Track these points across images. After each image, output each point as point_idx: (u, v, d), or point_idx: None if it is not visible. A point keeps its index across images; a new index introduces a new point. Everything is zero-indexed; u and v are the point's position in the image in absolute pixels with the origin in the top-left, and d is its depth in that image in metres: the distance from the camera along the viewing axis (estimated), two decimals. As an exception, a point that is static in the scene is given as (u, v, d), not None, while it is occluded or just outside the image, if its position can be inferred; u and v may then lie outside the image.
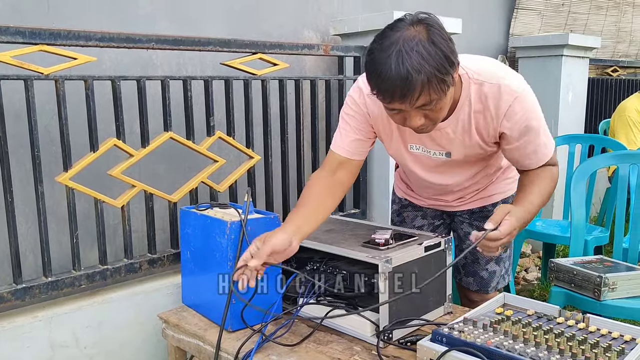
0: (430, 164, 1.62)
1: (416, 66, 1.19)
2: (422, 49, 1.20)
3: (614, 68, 4.97)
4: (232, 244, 1.55)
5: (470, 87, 1.42)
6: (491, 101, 1.41)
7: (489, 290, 1.84)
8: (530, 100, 1.43)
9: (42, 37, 1.63)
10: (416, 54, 1.19)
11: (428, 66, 1.19)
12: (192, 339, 1.64)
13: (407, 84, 1.20)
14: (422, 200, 1.86)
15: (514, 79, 1.42)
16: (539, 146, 1.48)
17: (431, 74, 1.20)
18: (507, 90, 1.40)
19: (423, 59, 1.19)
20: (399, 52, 1.20)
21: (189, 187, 2.03)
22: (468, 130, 1.47)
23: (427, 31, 1.22)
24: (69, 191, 1.75)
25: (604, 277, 1.83)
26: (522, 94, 1.41)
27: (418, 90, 1.21)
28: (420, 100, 1.24)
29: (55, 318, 1.73)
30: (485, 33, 4.00)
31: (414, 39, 1.20)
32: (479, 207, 1.80)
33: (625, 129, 3.62)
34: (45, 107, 1.88)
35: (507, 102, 1.40)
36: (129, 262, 1.91)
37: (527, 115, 1.42)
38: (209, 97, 2.05)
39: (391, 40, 1.22)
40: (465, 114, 1.45)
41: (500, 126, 1.44)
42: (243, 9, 2.54)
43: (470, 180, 1.69)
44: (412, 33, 1.22)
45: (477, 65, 1.44)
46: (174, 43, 1.92)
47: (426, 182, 1.70)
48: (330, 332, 1.57)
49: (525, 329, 1.32)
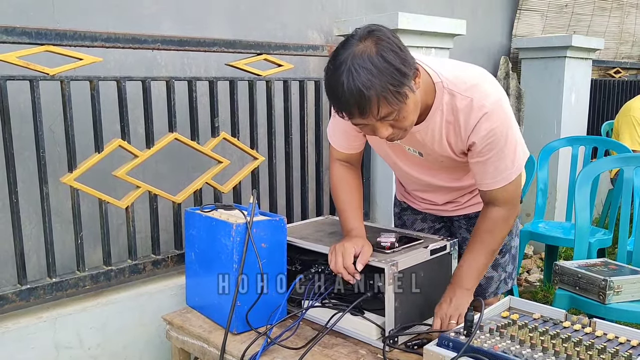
0: (410, 158, 1.62)
1: (366, 83, 1.20)
2: (371, 64, 1.20)
3: (616, 69, 4.97)
4: (238, 246, 1.55)
5: (444, 96, 1.40)
6: (461, 115, 1.39)
7: (487, 296, 1.82)
8: (500, 118, 1.38)
9: (48, 38, 1.63)
10: (364, 70, 1.20)
11: (378, 81, 1.20)
12: (196, 340, 1.64)
13: (361, 100, 1.21)
14: (417, 205, 1.85)
15: (488, 95, 1.38)
16: (500, 169, 1.44)
17: (382, 88, 1.20)
18: (478, 105, 1.37)
19: (372, 74, 1.20)
20: (349, 71, 1.21)
21: (193, 188, 2.03)
22: (439, 138, 1.46)
23: (375, 45, 1.22)
24: (73, 192, 1.75)
25: (609, 281, 1.83)
26: (492, 111, 1.37)
27: (373, 105, 1.22)
28: (381, 113, 1.24)
29: (60, 319, 1.73)
30: (488, 34, 3.99)
31: (362, 55, 1.21)
32: (474, 213, 1.77)
33: (630, 129, 3.61)
34: (50, 107, 1.87)
35: (475, 118, 1.38)
36: (133, 263, 1.91)
37: (493, 134, 1.39)
38: (213, 97, 2.04)
39: (342, 59, 1.23)
40: (437, 122, 1.43)
41: (467, 140, 1.43)
42: (248, 9, 2.54)
43: (455, 182, 1.67)
44: (360, 49, 1.22)
45: (455, 74, 1.41)
46: (179, 44, 1.91)
47: (411, 177, 1.70)
48: (336, 335, 1.56)
49: (532, 333, 1.32)
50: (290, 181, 2.37)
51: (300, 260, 1.75)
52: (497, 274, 1.82)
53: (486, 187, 1.49)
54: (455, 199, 1.75)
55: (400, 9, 3.07)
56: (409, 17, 2.44)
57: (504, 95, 1.42)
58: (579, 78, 3.91)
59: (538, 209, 3.06)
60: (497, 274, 1.82)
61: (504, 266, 1.84)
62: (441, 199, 1.76)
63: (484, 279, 1.80)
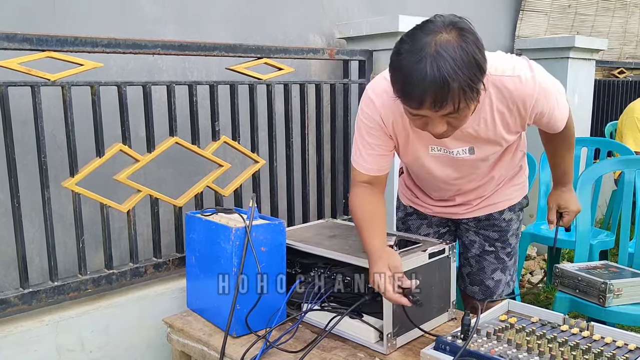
0: (451, 164, 1.58)
1: (452, 73, 1.13)
2: (458, 55, 1.14)
3: (620, 70, 4.95)
4: (237, 250, 1.56)
5: (488, 83, 1.36)
6: (516, 94, 1.40)
7: (495, 298, 1.82)
8: (547, 80, 1.43)
9: (49, 44, 1.64)
10: (451, 60, 1.13)
11: (462, 74, 1.14)
12: (196, 344, 1.65)
13: (442, 90, 1.15)
14: (428, 208, 1.83)
15: (527, 66, 1.41)
16: (563, 108, 1.52)
17: (465, 82, 1.15)
18: (529, 80, 1.39)
19: (457, 66, 1.14)
20: (433, 57, 1.14)
21: (194, 191, 2.04)
22: (492, 127, 1.46)
23: (460, 37, 1.17)
24: (75, 196, 1.77)
25: (609, 284, 1.83)
26: (541, 79, 1.40)
27: (454, 97, 1.16)
28: (449, 108, 1.19)
29: (62, 322, 1.74)
30: (491, 35, 3.98)
31: (447, 45, 1.15)
32: (485, 215, 1.78)
33: (633, 130, 3.60)
34: (52, 112, 1.89)
35: (531, 95, 1.40)
36: (135, 266, 1.92)
37: (550, 97, 1.44)
38: (214, 101, 2.05)
39: (422, 44, 1.16)
40: (487, 112, 1.43)
41: (529, 118, 1.46)
42: (249, 12, 2.55)
43: (489, 177, 1.69)
44: (445, 37, 1.16)
45: (491, 60, 1.37)
46: (180, 48, 1.92)
47: (443, 185, 1.68)
48: (334, 338, 1.57)
49: (529, 337, 1.32)
50: (291, 184, 2.38)
51: (300, 264, 1.76)
52: (505, 277, 1.82)
53: (562, 125, 1.58)
54: (470, 201, 1.75)
55: (402, 11, 3.06)
56: (409, 20, 2.44)
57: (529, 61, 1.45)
58: (582, 79, 3.90)
59: (540, 211, 3.06)
60: (505, 277, 1.82)
61: (511, 269, 1.84)
62: (460, 200, 1.75)
63: (493, 282, 1.81)
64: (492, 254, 1.81)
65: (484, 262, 1.81)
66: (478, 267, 1.82)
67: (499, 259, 1.81)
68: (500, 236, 1.80)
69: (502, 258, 1.81)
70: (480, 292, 1.83)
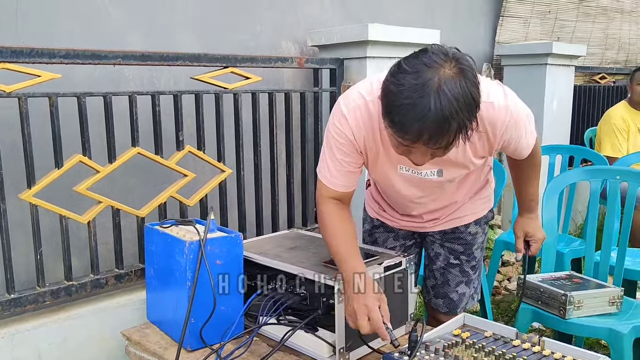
0: (417, 184, 1.59)
1: (453, 113, 1.13)
2: (459, 94, 1.14)
3: (601, 75, 4.97)
4: (191, 264, 1.55)
5: None
6: (487, 120, 1.39)
7: (458, 312, 1.82)
8: (519, 108, 1.44)
9: (3, 55, 1.63)
10: (454, 99, 1.13)
11: (462, 114, 1.14)
12: (152, 357, 1.64)
13: (441, 129, 1.14)
14: (394, 222, 1.82)
15: (502, 92, 1.42)
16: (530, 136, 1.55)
17: (463, 122, 1.15)
18: (502, 108, 1.39)
19: (459, 106, 1.13)
20: (437, 94, 1.13)
21: (157, 201, 2.03)
22: (462, 151, 1.47)
23: (462, 74, 1.16)
24: (32, 208, 1.75)
25: (569, 295, 1.83)
26: (513, 107, 1.41)
27: (448, 136, 1.16)
28: (443, 145, 1.19)
29: (18, 335, 1.73)
30: (471, 41, 3.98)
31: (450, 82, 1.14)
32: (451, 228, 1.78)
33: (611, 136, 3.61)
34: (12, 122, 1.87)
35: (502, 122, 1.41)
36: (95, 277, 1.91)
37: (520, 125, 1.46)
38: (178, 111, 2.04)
39: (426, 78, 1.14)
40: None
41: (497, 144, 1.47)
42: (219, 19, 2.54)
43: (456, 195, 1.69)
44: (448, 73, 1.15)
45: None
46: (142, 58, 1.91)
47: (411, 203, 1.68)
48: (290, 352, 1.56)
49: (477, 354, 1.32)
50: (259, 193, 2.37)
51: (260, 276, 1.75)
52: (469, 290, 1.82)
53: (527, 152, 1.60)
54: (439, 217, 1.75)
55: (378, 18, 3.07)
56: (378, 28, 2.44)
57: (503, 87, 1.46)
58: (561, 84, 3.91)
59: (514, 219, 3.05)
60: (469, 290, 1.82)
61: (475, 282, 1.84)
62: (427, 217, 1.75)
63: (457, 295, 1.81)
64: (456, 267, 1.80)
65: (449, 275, 1.81)
66: (442, 279, 1.82)
67: (463, 272, 1.80)
68: (466, 249, 1.80)
69: (466, 271, 1.81)
70: (444, 305, 1.83)
